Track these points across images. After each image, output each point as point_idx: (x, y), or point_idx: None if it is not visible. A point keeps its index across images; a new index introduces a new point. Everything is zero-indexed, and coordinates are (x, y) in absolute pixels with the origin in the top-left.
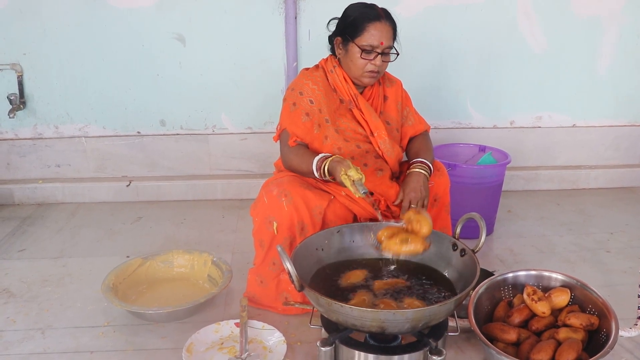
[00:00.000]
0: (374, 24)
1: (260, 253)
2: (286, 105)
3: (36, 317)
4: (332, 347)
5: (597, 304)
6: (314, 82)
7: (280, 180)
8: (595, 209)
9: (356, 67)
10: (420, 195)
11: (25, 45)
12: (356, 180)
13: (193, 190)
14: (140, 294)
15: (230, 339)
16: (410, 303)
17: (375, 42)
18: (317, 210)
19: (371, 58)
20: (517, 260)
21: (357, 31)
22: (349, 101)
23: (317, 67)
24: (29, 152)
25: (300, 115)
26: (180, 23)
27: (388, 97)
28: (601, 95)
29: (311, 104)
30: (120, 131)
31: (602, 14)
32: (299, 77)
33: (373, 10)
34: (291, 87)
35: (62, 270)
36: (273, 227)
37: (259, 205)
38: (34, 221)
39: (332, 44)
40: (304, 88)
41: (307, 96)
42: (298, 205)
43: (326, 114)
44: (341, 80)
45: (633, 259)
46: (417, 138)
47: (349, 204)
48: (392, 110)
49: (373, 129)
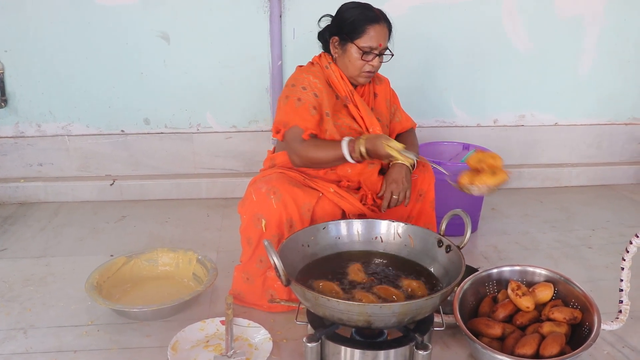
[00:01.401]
0: (374, 26)
1: (248, 250)
2: (290, 101)
3: (18, 317)
4: (319, 343)
5: (580, 299)
6: (315, 76)
7: (268, 177)
8: (578, 206)
9: (354, 67)
10: (402, 186)
11: (7, 42)
12: (401, 148)
13: (177, 189)
14: (125, 293)
15: (216, 337)
16: (409, 284)
17: (374, 43)
18: (306, 208)
19: (370, 59)
20: (501, 257)
21: (357, 32)
22: (344, 97)
23: (312, 63)
24: (10, 150)
25: (308, 110)
26: (165, 21)
27: (378, 94)
28: (583, 94)
29: (316, 97)
30: (104, 130)
31: (584, 14)
32: (297, 73)
33: (371, 12)
34: (291, 84)
35: (44, 269)
36: (261, 224)
37: (247, 202)
38: (16, 220)
39: (322, 41)
40: (305, 82)
41: (311, 90)
42: (287, 202)
43: (327, 108)
44: (337, 77)
45: (614, 254)
46: (404, 134)
47: (337, 200)
48: (381, 107)
49: (368, 124)
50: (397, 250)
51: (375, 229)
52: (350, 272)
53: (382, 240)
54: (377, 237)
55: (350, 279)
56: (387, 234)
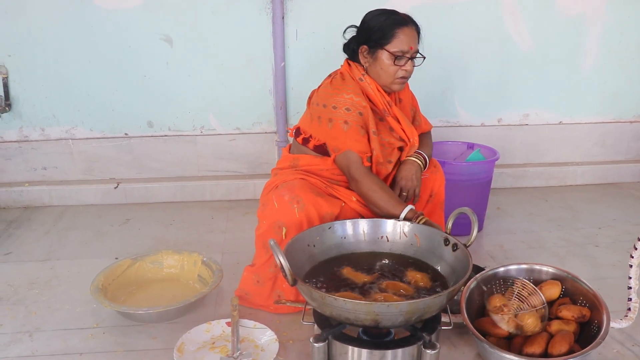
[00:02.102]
0: (403, 29)
1: (264, 255)
2: (336, 124)
3: (23, 320)
4: (325, 343)
5: (588, 296)
6: (357, 94)
7: (291, 184)
8: (583, 204)
9: (387, 74)
10: (412, 184)
11: (11, 47)
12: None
13: (182, 192)
14: (130, 295)
15: (222, 339)
16: (413, 276)
17: (405, 47)
18: (328, 218)
19: (402, 64)
20: (507, 256)
21: (386, 38)
22: (382, 110)
23: (342, 77)
24: (14, 154)
25: (357, 131)
26: (167, 24)
27: (402, 99)
28: (587, 92)
29: (361, 116)
30: (108, 133)
31: (586, 11)
32: (332, 91)
33: (398, 16)
34: (332, 105)
35: (49, 272)
36: (282, 232)
37: (268, 209)
38: (20, 224)
39: (349, 53)
40: (348, 103)
41: (355, 110)
42: (310, 212)
43: (372, 126)
44: (374, 89)
45: (621, 252)
46: (421, 137)
47: (360, 209)
48: (407, 113)
49: (409, 135)
50: (403, 250)
51: (381, 228)
52: (348, 275)
53: (388, 239)
54: (383, 236)
55: (352, 281)
56: (393, 233)
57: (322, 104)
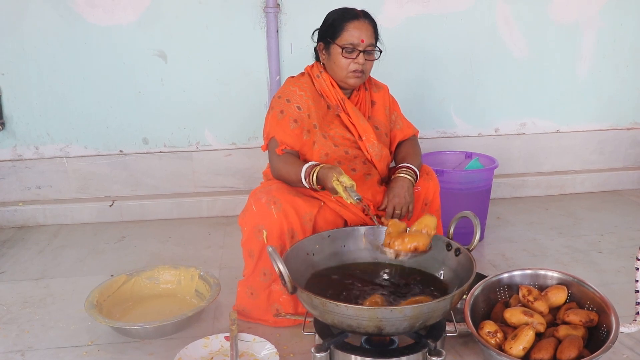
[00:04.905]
0: (353, 22)
1: (250, 264)
2: (273, 113)
3: (16, 339)
4: (327, 352)
5: (595, 300)
6: (301, 89)
7: (268, 187)
8: (584, 212)
9: (340, 68)
10: (404, 200)
11: (4, 65)
12: (348, 186)
13: (178, 209)
14: (126, 312)
15: (220, 353)
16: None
17: (355, 40)
18: (307, 217)
19: (354, 57)
20: (510, 264)
21: (337, 31)
22: (336, 106)
23: (302, 74)
24: (8, 174)
25: (288, 123)
26: (161, 39)
27: (376, 102)
28: (583, 100)
29: (299, 110)
30: (102, 150)
31: (579, 19)
32: (285, 85)
33: (351, 10)
34: (277, 95)
35: (43, 291)
36: (263, 235)
37: (247, 214)
38: (14, 244)
39: (316, 53)
40: (291, 95)
41: (295, 103)
42: (288, 212)
43: (315, 120)
44: (328, 85)
45: (625, 258)
46: (405, 143)
47: (339, 209)
48: (380, 115)
49: (361, 132)
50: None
51: (382, 236)
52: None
53: None
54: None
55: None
56: None
57: (277, 96)
